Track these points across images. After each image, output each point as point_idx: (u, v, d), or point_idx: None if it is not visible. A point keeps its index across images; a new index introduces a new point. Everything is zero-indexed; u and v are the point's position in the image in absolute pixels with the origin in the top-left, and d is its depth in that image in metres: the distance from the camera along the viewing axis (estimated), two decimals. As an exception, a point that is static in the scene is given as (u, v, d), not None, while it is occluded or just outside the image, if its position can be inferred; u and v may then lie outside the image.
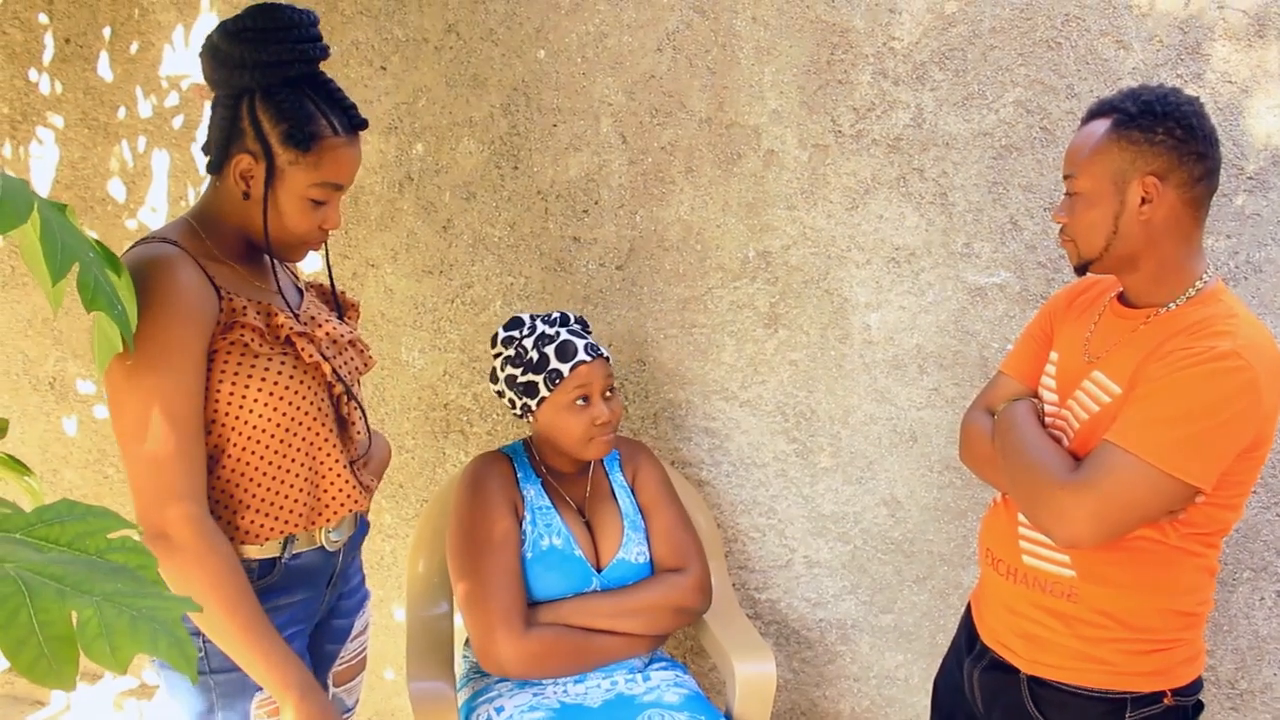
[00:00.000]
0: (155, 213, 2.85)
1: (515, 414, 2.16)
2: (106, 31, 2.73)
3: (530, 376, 2.08)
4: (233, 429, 1.55)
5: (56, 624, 0.81)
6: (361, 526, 1.86)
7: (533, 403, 2.10)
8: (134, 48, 2.72)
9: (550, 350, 2.07)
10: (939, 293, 2.39)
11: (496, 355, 2.16)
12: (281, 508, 1.62)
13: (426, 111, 2.58)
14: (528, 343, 2.10)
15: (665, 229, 2.50)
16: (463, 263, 2.65)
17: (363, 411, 1.78)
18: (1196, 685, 1.66)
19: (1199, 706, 1.68)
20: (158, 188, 2.83)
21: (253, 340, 1.54)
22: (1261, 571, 2.35)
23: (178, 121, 2.76)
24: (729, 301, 2.51)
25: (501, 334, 2.14)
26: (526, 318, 2.15)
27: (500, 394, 2.16)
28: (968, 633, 1.89)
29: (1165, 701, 1.62)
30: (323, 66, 1.62)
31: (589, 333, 2.19)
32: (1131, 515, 1.48)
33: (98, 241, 1.25)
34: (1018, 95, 2.26)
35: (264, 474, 1.60)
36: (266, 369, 1.57)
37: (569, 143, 2.51)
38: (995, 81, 2.27)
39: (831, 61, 2.33)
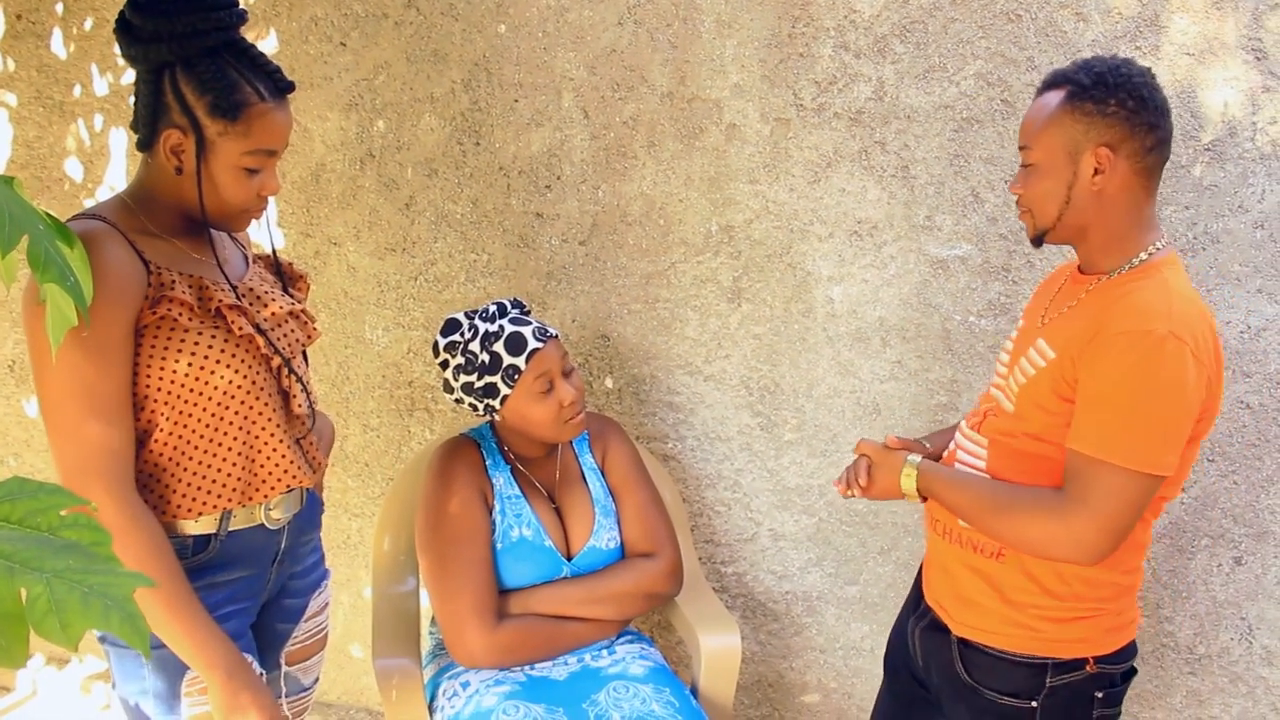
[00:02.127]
0: (114, 191, 2.80)
1: (478, 414, 2.13)
2: (59, 8, 2.69)
3: (487, 379, 2.03)
4: (164, 403, 1.54)
5: (6, 601, 0.81)
6: (312, 504, 1.85)
7: (495, 402, 2.05)
8: (88, 24, 2.69)
9: (500, 347, 2.01)
10: (901, 265, 2.40)
11: (444, 365, 2.08)
12: (215, 481, 1.60)
13: (387, 88, 2.56)
14: (474, 346, 2.03)
15: (628, 204, 2.50)
16: (425, 240, 2.64)
17: (304, 384, 1.76)
18: (1125, 653, 1.69)
19: (1130, 673, 1.71)
20: (115, 166, 2.80)
21: (181, 314, 1.52)
22: (1219, 539, 2.38)
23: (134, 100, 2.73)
24: (692, 276, 2.51)
25: (442, 342, 2.07)
26: (462, 318, 2.08)
27: (459, 401, 2.10)
28: (916, 591, 1.93)
29: (1088, 669, 1.64)
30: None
31: (530, 315, 2.13)
32: (1124, 525, 1.50)
33: (48, 213, 1.23)
34: (978, 68, 2.27)
35: (196, 447, 1.58)
36: (197, 343, 1.55)
37: (530, 118, 2.50)
38: (956, 54, 2.27)
39: (793, 35, 2.33)
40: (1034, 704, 1.65)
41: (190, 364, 1.54)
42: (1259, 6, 2.11)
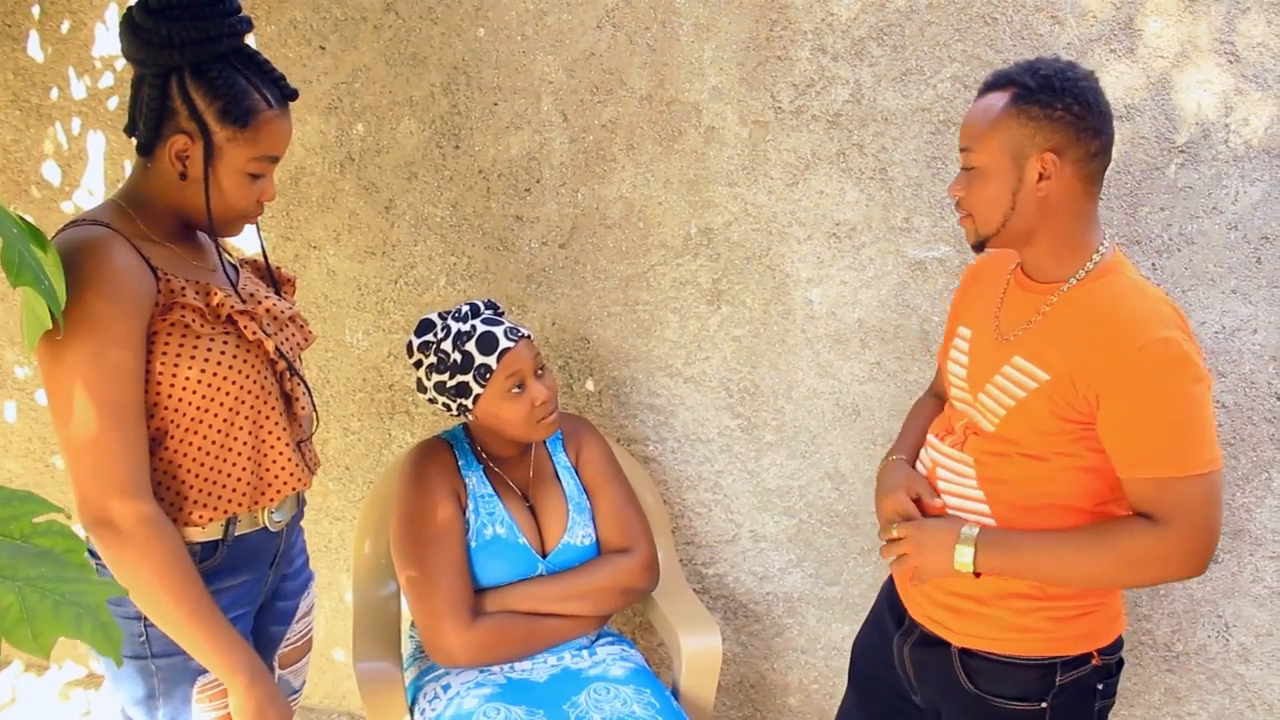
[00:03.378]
0: (92, 196, 2.80)
1: (451, 415, 2.13)
2: (35, 10, 2.68)
3: (459, 378, 2.03)
4: (176, 411, 1.54)
5: None
6: (301, 505, 1.86)
7: (468, 402, 2.06)
8: (65, 27, 2.68)
9: (472, 346, 2.02)
10: (880, 267, 2.41)
11: (417, 365, 2.09)
12: (225, 487, 1.61)
13: (366, 91, 2.56)
14: (447, 345, 2.04)
15: (607, 207, 2.50)
16: (405, 243, 2.64)
17: (306, 388, 1.77)
18: (1119, 642, 1.72)
19: (1120, 663, 1.73)
20: (94, 171, 2.79)
21: (193, 320, 1.52)
22: (1195, 537, 2.40)
23: (113, 103, 2.72)
24: (671, 278, 2.51)
25: (415, 341, 2.08)
26: (435, 318, 2.09)
27: (433, 401, 2.11)
28: (893, 608, 1.90)
29: (1093, 662, 1.66)
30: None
31: (503, 316, 2.15)
32: (1218, 525, 1.52)
33: (21, 217, 1.23)
34: (955, 70, 2.28)
35: (208, 454, 1.58)
36: (209, 349, 1.55)
37: (510, 121, 2.50)
38: (933, 57, 2.28)
39: (771, 38, 2.34)
40: (1043, 705, 1.66)
41: (204, 370, 1.54)
42: (1232, 10, 2.13)
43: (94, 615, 0.85)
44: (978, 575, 1.65)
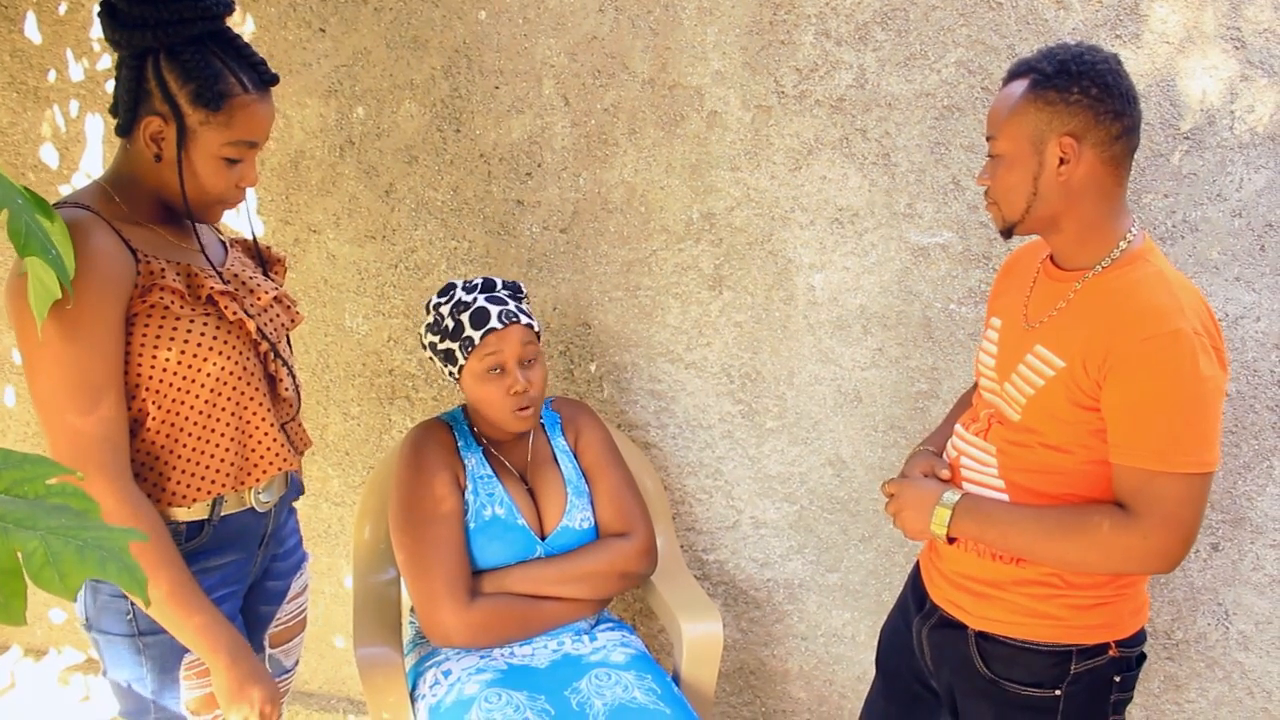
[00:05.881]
0: (89, 179, 2.78)
1: (448, 379, 2.15)
2: (33, -9, 2.66)
3: (448, 344, 2.06)
4: (157, 392, 1.54)
5: (1, 558, 0.82)
6: (293, 487, 1.86)
7: (454, 370, 2.08)
8: (62, 9, 2.65)
9: (465, 317, 2.04)
10: (882, 253, 2.40)
11: (424, 322, 2.15)
12: (209, 468, 1.61)
13: (366, 74, 2.55)
14: (445, 309, 2.08)
15: (609, 191, 2.49)
16: (405, 227, 2.63)
17: (290, 369, 1.76)
18: (1140, 637, 1.70)
19: (1142, 657, 1.72)
20: (92, 153, 2.77)
21: (173, 302, 1.52)
22: (1196, 524, 2.40)
23: (111, 85, 2.70)
24: (673, 264, 2.50)
25: (433, 300, 2.13)
26: (457, 283, 2.13)
27: (432, 360, 2.16)
28: (916, 592, 1.90)
29: (1110, 653, 1.65)
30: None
31: (518, 298, 2.14)
32: (1193, 529, 1.50)
33: (26, 188, 1.22)
34: (959, 55, 2.27)
35: (190, 435, 1.58)
36: (189, 330, 1.55)
37: (511, 105, 2.49)
38: (937, 42, 2.27)
39: (774, 22, 2.32)
40: (1057, 692, 1.65)
41: (183, 351, 1.54)
42: (1238, -5, 2.12)
43: (118, 557, 0.85)
44: (951, 541, 1.68)
